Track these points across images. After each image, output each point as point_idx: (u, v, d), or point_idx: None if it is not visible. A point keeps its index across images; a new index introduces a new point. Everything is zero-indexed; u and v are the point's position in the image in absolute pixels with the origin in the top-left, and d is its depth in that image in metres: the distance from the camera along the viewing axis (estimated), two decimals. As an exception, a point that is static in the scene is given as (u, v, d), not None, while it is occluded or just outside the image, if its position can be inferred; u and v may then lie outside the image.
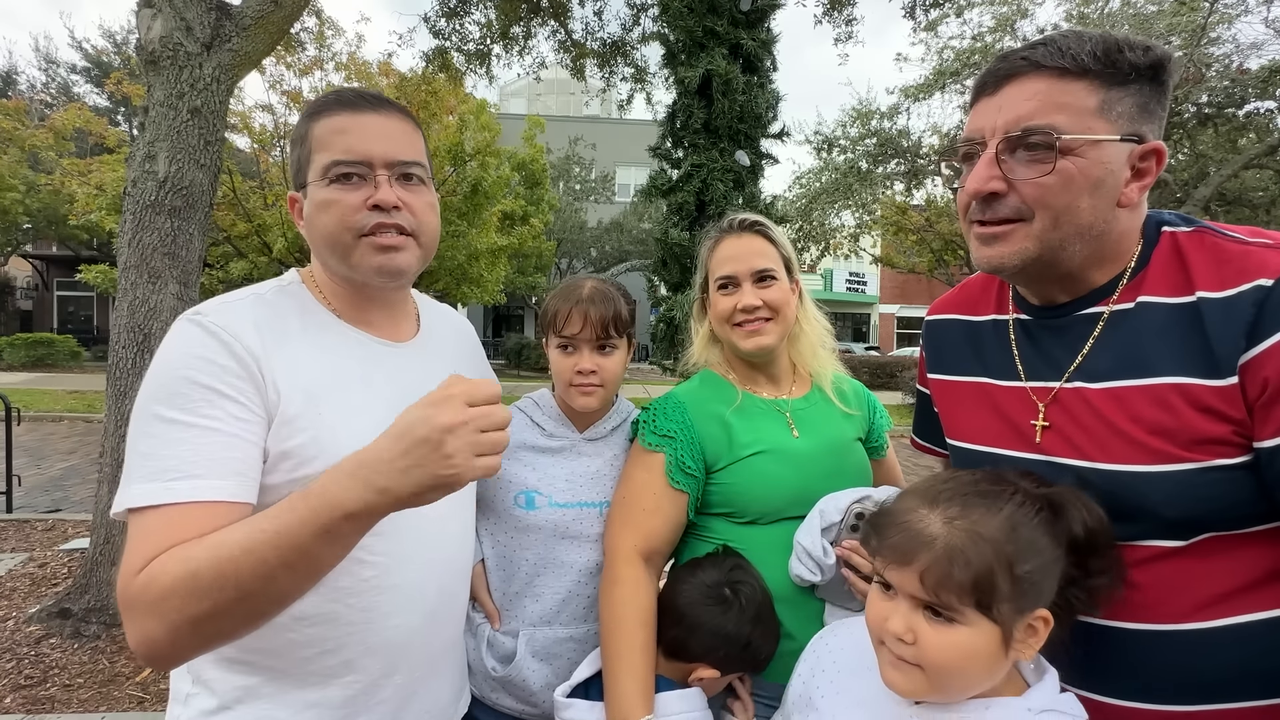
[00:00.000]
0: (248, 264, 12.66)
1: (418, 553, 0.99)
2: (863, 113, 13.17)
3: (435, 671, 1.06)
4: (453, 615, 1.08)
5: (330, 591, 0.90)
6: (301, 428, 0.88)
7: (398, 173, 0.96)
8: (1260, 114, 9.91)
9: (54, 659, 2.94)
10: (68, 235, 19.41)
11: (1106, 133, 0.79)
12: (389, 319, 1.08)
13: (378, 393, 0.98)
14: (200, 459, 0.79)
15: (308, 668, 0.91)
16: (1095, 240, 0.84)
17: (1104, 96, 0.79)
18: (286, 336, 0.93)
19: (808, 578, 1.12)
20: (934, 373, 1.14)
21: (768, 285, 1.26)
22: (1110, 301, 0.87)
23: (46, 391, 12.55)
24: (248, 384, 0.85)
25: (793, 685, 0.99)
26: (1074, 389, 0.88)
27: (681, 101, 7.23)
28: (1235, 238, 0.81)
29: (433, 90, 10.95)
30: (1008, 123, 0.82)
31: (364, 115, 0.95)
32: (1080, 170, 0.79)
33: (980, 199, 0.86)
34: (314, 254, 1.03)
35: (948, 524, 0.75)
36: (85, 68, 24.08)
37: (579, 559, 1.24)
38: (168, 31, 3.07)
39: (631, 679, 1.05)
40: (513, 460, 1.26)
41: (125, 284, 3.11)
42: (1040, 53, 0.81)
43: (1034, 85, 0.81)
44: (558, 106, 31.75)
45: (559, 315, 1.23)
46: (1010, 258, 0.86)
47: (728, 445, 1.23)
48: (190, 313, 0.89)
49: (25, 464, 7.13)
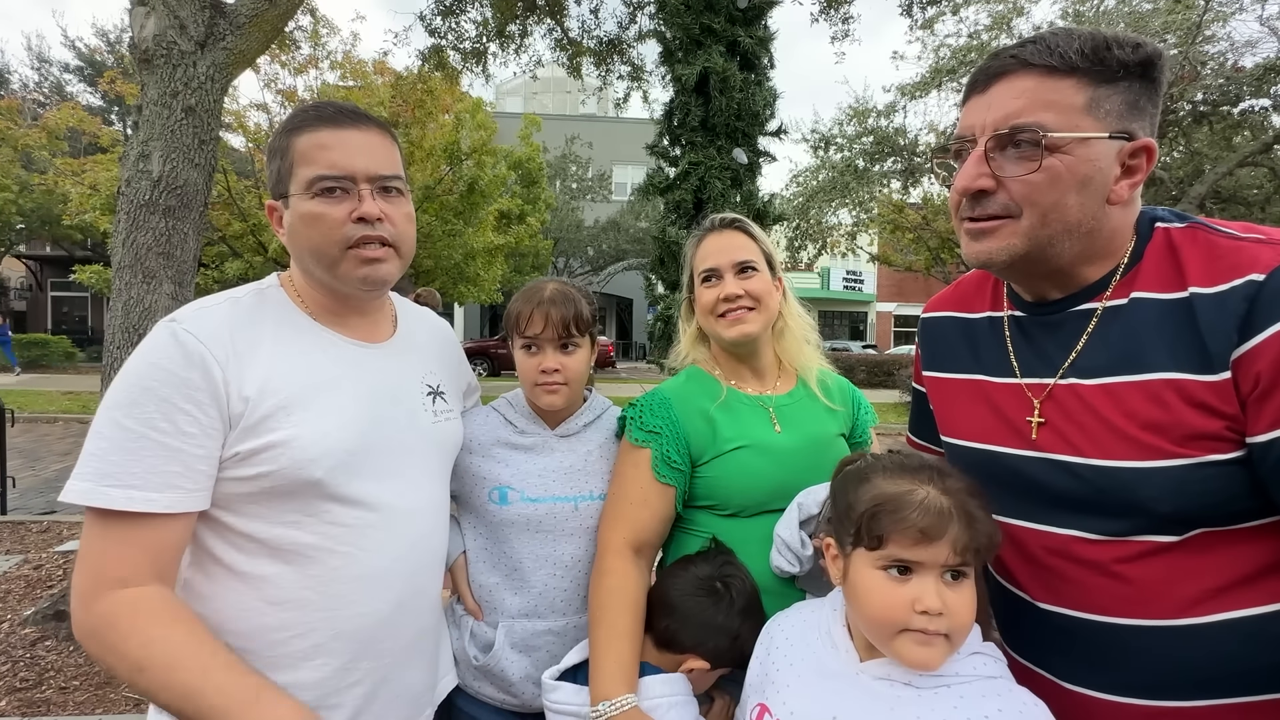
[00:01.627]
0: (243, 263, 12.61)
1: (386, 544, 1.03)
2: (860, 111, 13.19)
3: (407, 659, 1.09)
4: (423, 606, 1.11)
5: (301, 578, 0.96)
6: (270, 428, 0.93)
7: (379, 186, 1.01)
8: (1255, 112, 9.95)
9: (49, 661, 2.93)
10: (62, 235, 19.29)
11: (1094, 130, 0.79)
12: (366, 322, 1.13)
13: (349, 392, 1.03)
14: (140, 469, 0.86)
15: (279, 650, 0.96)
16: (1085, 237, 0.84)
17: (1092, 94, 0.79)
18: (260, 340, 0.98)
19: (787, 569, 1.16)
20: (929, 370, 1.14)
21: (749, 276, 1.30)
22: (1104, 297, 0.87)
23: (41, 392, 12.49)
24: (206, 395, 0.90)
25: (751, 668, 1.03)
26: (1068, 385, 0.88)
27: (679, 99, 7.23)
28: (1228, 233, 0.81)
29: (429, 89, 10.91)
30: (996, 120, 0.82)
31: (345, 130, 1.00)
32: (1068, 167, 0.80)
33: (970, 196, 0.87)
34: (295, 261, 1.07)
35: (947, 494, 0.83)
36: (79, 66, 23.92)
37: (555, 553, 1.26)
38: (161, 30, 3.05)
39: (614, 659, 1.08)
40: (486, 457, 1.29)
41: (120, 284, 3.10)
42: (1029, 51, 0.81)
43: (1022, 83, 0.81)
44: (554, 105, 31.72)
45: (521, 316, 1.26)
46: (998, 252, 0.86)
47: (712, 439, 1.26)
48: (167, 318, 0.95)
49: (20, 465, 7.09)
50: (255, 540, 0.95)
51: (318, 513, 0.97)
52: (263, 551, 0.95)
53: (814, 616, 0.99)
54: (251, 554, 0.95)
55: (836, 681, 0.88)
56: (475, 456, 1.29)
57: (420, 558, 1.09)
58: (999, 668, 0.85)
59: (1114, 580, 0.84)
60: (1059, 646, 0.91)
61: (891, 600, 0.82)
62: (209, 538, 0.96)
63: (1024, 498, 0.92)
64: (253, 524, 0.95)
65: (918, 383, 1.22)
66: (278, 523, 0.95)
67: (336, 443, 0.98)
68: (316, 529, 0.97)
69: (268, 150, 1.05)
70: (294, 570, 0.96)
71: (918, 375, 1.21)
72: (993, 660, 0.85)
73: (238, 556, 0.95)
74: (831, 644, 0.92)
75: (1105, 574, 0.84)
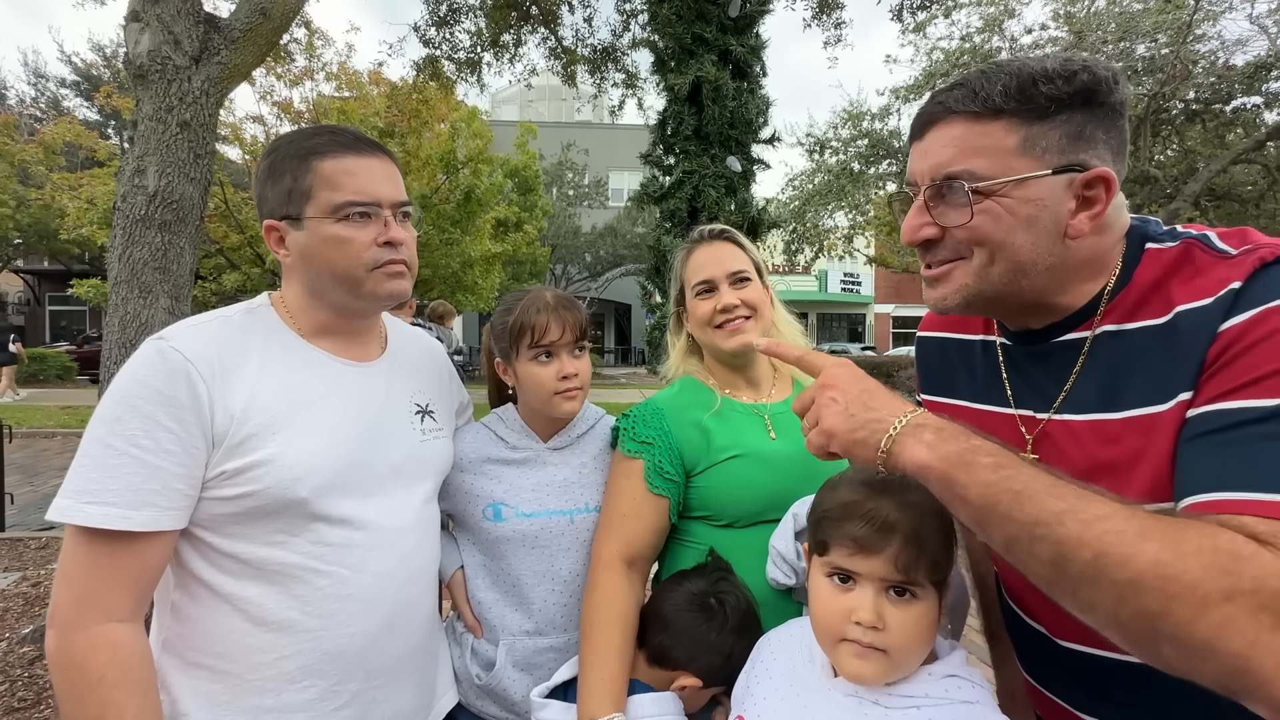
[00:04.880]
0: (240, 275, 12.62)
1: (374, 563, 1.03)
2: (854, 114, 13.24)
3: (396, 680, 1.08)
4: (413, 625, 1.10)
5: (287, 599, 0.96)
6: (255, 447, 0.94)
7: (399, 212, 1.06)
8: (1247, 109, 10.00)
9: (48, 680, 2.90)
10: (59, 249, 19.32)
11: (1032, 169, 0.76)
12: (356, 341, 1.14)
13: (335, 410, 1.04)
14: (118, 486, 0.86)
15: (265, 673, 0.95)
16: (1047, 273, 0.81)
17: (1025, 133, 0.76)
18: (247, 359, 0.98)
19: (783, 581, 1.14)
20: (926, 394, 1.12)
21: (744, 285, 1.30)
22: (1093, 324, 0.83)
23: (39, 407, 12.46)
24: (189, 413, 0.91)
25: (739, 680, 1.03)
26: (1061, 421, 0.85)
27: (672, 108, 7.27)
28: (1221, 250, 0.76)
29: (424, 99, 10.94)
30: (931, 169, 0.81)
31: (367, 159, 1.04)
32: (1007, 210, 0.77)
33: (919, 245, 0.86)
34: (301, 281, 1.07)
35: (903, 509, 0.80)
36: (75, 81, 24.01)
37: (553, 568, 1.25)
38: (155, 45, 3.06)
39: (602, 677, 1.06)
40: (478, 474, 1.28)
41: (116, 299, 3.09)
42: (953, 97, 0.79)
43: (951, 131, 0.79)
44: (550, 112, 31.81)
45: (537, 327, 1.23)
46: (951, 297, 0.85)
47: (706, 449, 1.24)
48: (156, 335, 0.96)
49: (18, 481, 7.06)
50: (240, 561, 0.95)
51: (303, 532, 0.97)
52: (247, 572, 0.95)
53: (801, 631, 0.98)
54: (236, 575, 0.95)
55: (808, 695, 0.87)
56: (467, 474, 1.28)
57: (409, 576, 1.09)
58: (977, 693, 0.82)
59: None
60: (1075, 679, 0.89)
61: (831, 607, 0.83)
62: (193, 559, 0.95)
63: None
64: (238, 544, 0.95)
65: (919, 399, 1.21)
66: (263, 543, 0.95)
67: (323, 461, 0.98)
68: (302, 549, 0.97)
69: (267, 169, 1.04)
70: (280, 591, 0.96)
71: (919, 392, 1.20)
72: (969, 685, 0.82)
73: (222, 578, 0.95)
74: (809, 658, 0.91)
75: None
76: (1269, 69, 9.14)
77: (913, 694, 0.80)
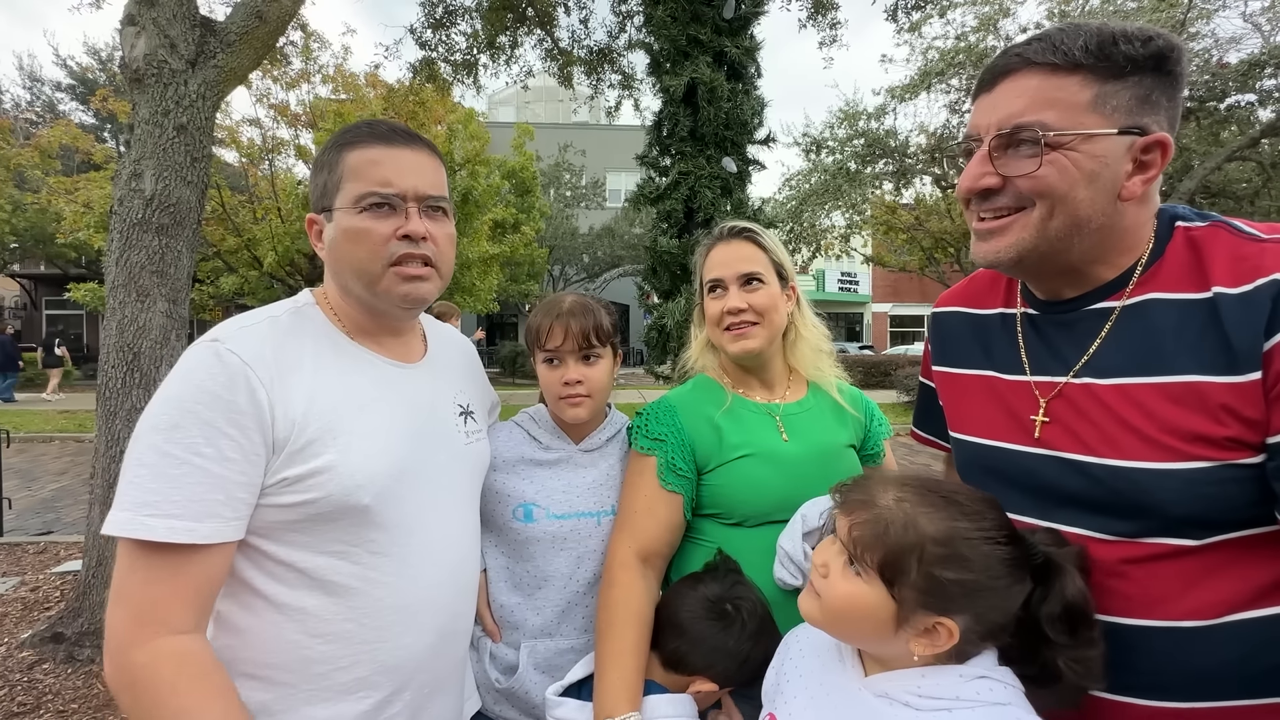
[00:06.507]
0: (238, 278, 12.60)
1: (428, 573, 1.01)
2: (850, 114, 13.25)
3: (442, 688, 1.07)
4: (462, 633, 1.10)
5: (345, 610, 0.93)
6: (316, 453, 0.90)
7: (426, 205, 1.00)
8: (1241, 107, 10.01)
9: (47, 685, 2.91)
10: (56, 254, 19.22)
11: (1101, 127, 0.78)
12: (399, 342, 1.11)
13: (388, 415, 1.00)
14: (181, 497, 0.81)
15: (321, 684, 0.92)
16: (1097, 234, 0.83)
17: (1098, 90, 0.78)
18: (301, 360, 0.94)
19: (790, 582, 1.14)
20: (939, 365, 1.14)
21: (754, 289, 1.28)
22: (1122, 295, 0.86)
23: (37, 412, 12.43)
24: (251, 420, 0.86)
25: (768, 677, 1.03)
26: (1083, 384, 0.87)
27: (667, 109, 7.26)
28: (1251, 234, 0.80)
29: (420, 101, 10.92)
30: (1000, 120, 0.82)
31: (397, 149, 0.99)
32: (1074, 163, 0.79)
33: (977, 194, 0.87)
34: (333, 276, 1.04)
35: (896, 502, 0.82)
36: (70, 85, 23.93)
37: (579, 570, 1.25)
38: (152, 49, 3.06)
39: (618, 676, 1.06)
40: (510, 474, 1.27)
41: (114, 303, 3.10)
42: (1034, 49, 0.81)
43: (1026, 82, 0.81)
44: (546, 114, 31.79)
45: (541, 330, 1.25)
46: (1006, 250, 0.86)
47: (718, 447, 1.25)
48: (209, 337, 0.90)
49: (16, 486, 7.05)
50: (297, 570, 0.91)
51: (362, 541, 0.94)
52: (304, 582, 0.92)
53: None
54: (293, 585, 0.91)
55: (838, 696, 0.87)
56: (500, 474, 1.27)
57: (459, 585, 1.07)
58: (1009, 694, 0.80)
59: (1124, 581, 0.82)
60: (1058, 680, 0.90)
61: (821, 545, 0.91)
62: (247, 568, 0.91)
63: (1032, 496, 0.91)
64: (295, 553, 0.91)
65: (926, 377, 1.22)
66: (321, 551, 0.92)
67: (381, 467, 0.95)
68: (360, 558, 0.94)
69: (314, 163, 1.03)
70: (337, 601, 0.92)
71: (926, 369, 1.21)
72: (1001, 686, 0.81)
73: (279, 588, 0.91)
74: (839, 657, 0.91)
75: (1115, 574, 0.83)
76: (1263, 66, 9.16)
77: (943, 696, 0.80)
